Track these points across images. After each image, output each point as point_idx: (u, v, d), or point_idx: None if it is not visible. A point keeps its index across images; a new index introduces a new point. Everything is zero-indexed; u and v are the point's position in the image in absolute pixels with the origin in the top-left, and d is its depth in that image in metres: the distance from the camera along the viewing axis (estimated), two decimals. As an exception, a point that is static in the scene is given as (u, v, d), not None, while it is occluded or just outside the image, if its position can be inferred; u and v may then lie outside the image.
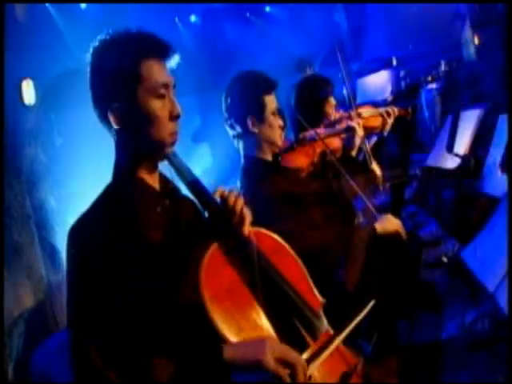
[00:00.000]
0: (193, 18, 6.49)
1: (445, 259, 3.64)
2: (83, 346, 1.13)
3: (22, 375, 2.59)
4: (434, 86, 6.45)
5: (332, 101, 2.76)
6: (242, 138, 2.16)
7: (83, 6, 4.57)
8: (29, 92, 3.17)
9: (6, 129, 2.81)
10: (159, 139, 1.31)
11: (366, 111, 2.80)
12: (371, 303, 1.41)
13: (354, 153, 2.45)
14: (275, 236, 1.47)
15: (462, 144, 2.98)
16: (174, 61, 1.35)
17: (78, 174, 3.35)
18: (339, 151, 2.42)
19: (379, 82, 5.86)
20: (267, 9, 7.51)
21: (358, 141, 2.41)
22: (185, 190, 1.43)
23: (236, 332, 1.19)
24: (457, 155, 2.96)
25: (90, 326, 1.15)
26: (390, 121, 2.72)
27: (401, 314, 2.00)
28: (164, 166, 1.39)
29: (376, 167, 2.46)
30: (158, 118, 1.29)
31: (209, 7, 6.44)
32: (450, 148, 3.00)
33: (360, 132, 2.39)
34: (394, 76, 5.77)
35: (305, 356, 1.27)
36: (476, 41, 7.20)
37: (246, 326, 1.22)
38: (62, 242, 3.12)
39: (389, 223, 2.12)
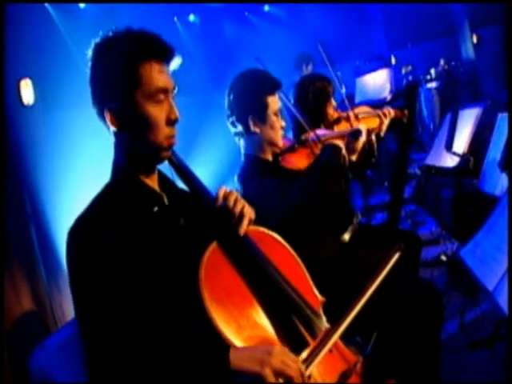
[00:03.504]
0: (191, 18, 6.49)
1: (444, 258, 3.67)
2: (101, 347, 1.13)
3: (21, 375, 2.59)
4: (433, 84, 6.46)
5: (333, 101, 2.73)
6: (243, 137, 2.15)
7: (82, 5, 4.58)
8: (27, 92, 3.16)
9: (5, 129, 2.81)
10: (155, 143, 1.29)
11: (362, 112, 2.74)
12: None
13: (354, 157, 2.30)
14: (275, 235, 1.47)
15: (461, 143, 2.98)
16: (175, 63, 1.33)
17: (78, 173, 3.35)
18: None
19: (378, 80, 5.84)
20: (266, 8, 7.52)
21: (360, 145, 2.32)
22: (185, 190, 1.42)
23: (236, 331, 1.19)
24: (456, 154, 2.96)
25: (107, 327, 1.14)
26: (387, 122, 2.67)
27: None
28: (164, 166, 1.39)
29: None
30: (154, 122, 1.27)
31: (208, 7, 6.44)
32: (449, 147, 2.99)
33: (365, 137, 2.31)
34: (393, 75, 5.76)
35: (304, 355, 1.27)
36: (475, 40, 7.21)
37: (246, 325, 1.23)
38: (61, 242, 3.12)
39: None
